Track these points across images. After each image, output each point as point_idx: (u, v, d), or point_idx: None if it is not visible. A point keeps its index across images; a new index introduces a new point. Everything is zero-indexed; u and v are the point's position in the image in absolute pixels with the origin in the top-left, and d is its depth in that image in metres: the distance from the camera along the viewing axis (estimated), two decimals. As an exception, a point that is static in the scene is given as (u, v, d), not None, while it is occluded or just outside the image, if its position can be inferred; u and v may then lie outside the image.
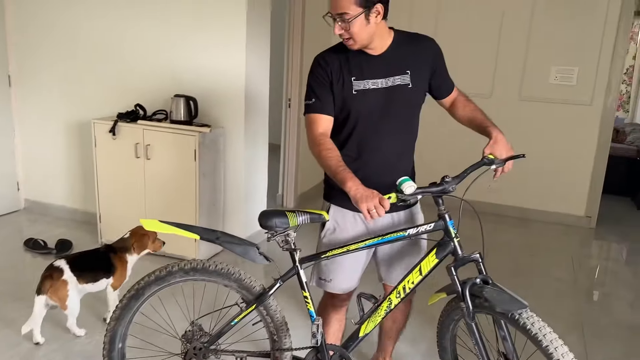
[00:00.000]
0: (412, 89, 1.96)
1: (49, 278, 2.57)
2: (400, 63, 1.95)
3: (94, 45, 3.98)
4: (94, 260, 2.73)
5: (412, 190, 1.70)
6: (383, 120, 1.97)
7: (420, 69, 1.98)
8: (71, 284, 2.60)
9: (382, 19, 1.86)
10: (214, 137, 3.58)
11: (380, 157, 2.01)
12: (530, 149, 4.97)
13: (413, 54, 1.98)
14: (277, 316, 1.90)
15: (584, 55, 4.63)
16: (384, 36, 1.92)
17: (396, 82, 1.94)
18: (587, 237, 4.70)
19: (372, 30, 1.85)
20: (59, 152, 4.34)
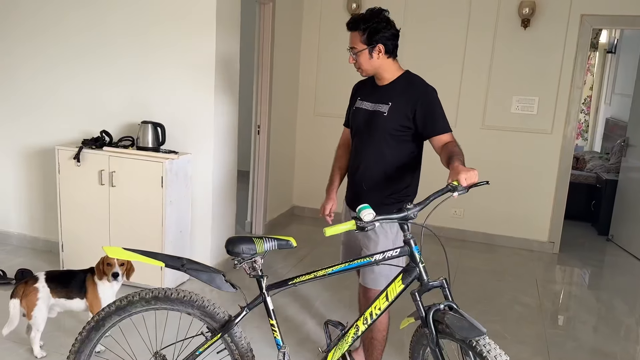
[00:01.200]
0: (385, 117, 2.31)
1: (23, 283, 2.68)
2: (388, 95, 2.34)
3: (58, 70, 3.93)
4: (70, 278, 2.77)
5: (370, 218, 1.73)
6: (363, 137, 2.43)
7: (401, 104, 2.30)
8: (41, 294, 2.65)
9: (388, 57, 2.32)
10: (182, 163, 3.55)
11: (358, 167, 2.47)
12: (494, 176, 5.10)
13: (402, 92, 2.33)
14: (243, 344, 1.87)
15: (544, 86, 4.80)
16: (390, 71, 2.36)
17: (377, 108, 2.35)
18: (551, 262, 4.80)
19: (377, 64, 2.32)
20: (20, 179, 4.23)
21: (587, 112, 8.27)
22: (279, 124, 5.06)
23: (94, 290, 2.73)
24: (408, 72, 2.42)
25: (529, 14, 4.65)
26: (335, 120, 5.58)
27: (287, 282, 1.93)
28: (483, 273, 4.37)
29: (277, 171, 5.17)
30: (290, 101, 5.43)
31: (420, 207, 1.86)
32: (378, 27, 2.26)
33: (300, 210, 5.78)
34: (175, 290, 1.87)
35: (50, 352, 2.75)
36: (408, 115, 2.29)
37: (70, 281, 2.75)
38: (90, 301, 2.73)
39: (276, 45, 4.72)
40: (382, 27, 2.27)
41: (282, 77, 5.03)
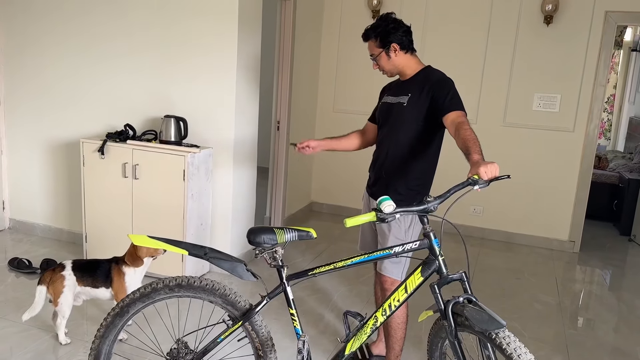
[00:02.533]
0: (405, 108, 2.43)
1: (50, 271, 2.74)
2: (409, 87, 2.46)
3: (83, 65, 4.01)
4: (96, 268, 2.81)
5: (390, 210, 1.75)
6: (385, 128, 2.55)
7: (419, 94, 2.40)
8: (68, 282, 2.71)
9: (405, 52, 2.47)
10: (203, 157, 3.60)
11: (378, 156, 2.60)
12: (515, 174, 5.06)
13: (421, 83, 2.43)
14: (263, 332, 1.90)
15: (566, 84, 4.76)
16: (411, 67, 2.50)
17: (398, 100, 2.47)
18: (571, 262, 4.76)
19: (396, 62, 2.47)
20: (45, 172, 4.33)
21: (611, 111, 8.15)
22: (298, 120, 5.09)
23: (121, 279, 2.78)
24: (429, 66, 2.53)
25: (552, 10, 4.61)
26: (354, 117, 5.60)
27: (307, 273, 1.96)
28: (502, 271, 4.35)
29: (295, 167, 5.20)
30: (310, 97, 5.46)
31: (440, 199, 1.87)
32: (387, 29, 2.42)
33: (318, 206, 5.80)
34: (198, 278, 1.91)
35: (75, 339, 2.82)
36: (426, 103, 2.38)
37: (96, 270, 2.80)
38: (116, 290, 2.78)
39: (296, 41, 4.75)
40: (392, 28, 2.43)
41: (301, 74, 5.06)
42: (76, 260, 2.82)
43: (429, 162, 2.50)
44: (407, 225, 2.42)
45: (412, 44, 2.50)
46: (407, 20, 2.51)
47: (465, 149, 2.10)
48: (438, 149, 2.52)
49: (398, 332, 2.54)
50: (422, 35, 5.06)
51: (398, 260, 2.42)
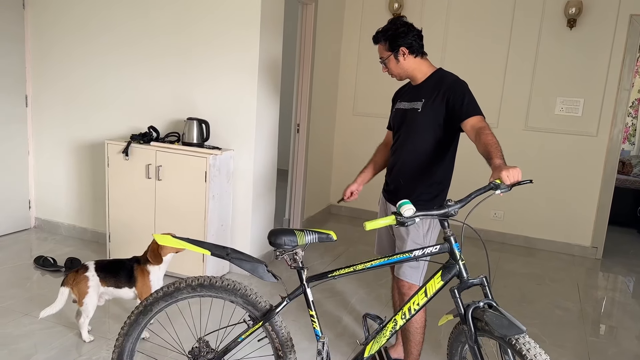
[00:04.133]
0: (419, 113, 2.41)
1: (74, 272, 2.78)
2: (422, 92, 2.43)
3: (108, 68, 4.09)
4: (119, 268, 2.85)
5: (410, 214, 1.76)
6: (398, 133, 2.53)
7: (433, 99, 2.38)
8: (92, 282, 2.76)
9: (415, 56, 2.43)
10: (225, 159, 3.65)
11: (395, 163, 2.56)
12: (537, 178, 5.03)
13: (434, 87, 2.40)
14: (283, 333, 1.92)
15: (590, 88, 4.70)
16: (421, 70, 2.46)
17: (412, 106, 2.45)
18: (593, 268, 4.69)
19: (406, 66, 2.45)
20: (70, 172, 4.42)
21: (635, 116, 8.02)
22: (318, 123, 5.12)
23: (145, 279, 2.82)
24: (440, 69, 2.49)
25: (575, 13, 4.57)
26: (373, 120, 5.62)
27: (327, 275, 1.97)
28: (522, 276, 4.31)
29: (315, 170, 5.22)
30: (330, 100, 5.48)
31: (461, 204, 1.87)
32: (397, 32, 2.40)
33: (337, 209, 5.82)
34: (219, 278, 1.94)
35: (98, 337, 2.87)
36: (441, 109, 2.36)
37: (119, 271, 2.84)
38: (140, 289, 2.82)
39: (317, 45, 4.78)
40: (402, 32, 2.40)
41: (322, 77, 5.09)
42: (99, 261, 2.87)
43: (446, 167, 2.48)
44: (425, 229, 2.42)
45: (422, 48, 2.46)
46: (430, 20, 2.51)
47: (486, 154, 2.09)
48: (454, 153, 2.51)
49: (416, 336, 2.54)
50: (443, 38, 5.05)
51: (417, 264, 2.43)
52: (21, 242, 4.30)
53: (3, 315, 3.06)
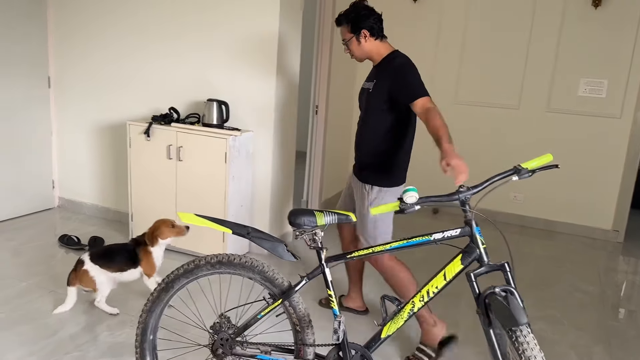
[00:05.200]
0: (371, 93, 2.61)
1: (73, 271, 2.90)
2: (376, 73, 2.64)
3: (129, 49, 4.12)
4: (120, 253, 3.00)
5: (411, 200, 1.78)
6: (361, 113, 2.75)
7: (382, 80, 2.57)
8: (93, 272, 2.88)
9: (375, 39, 2.61)
10: (244, 140, 3.67)
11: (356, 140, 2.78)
12: (558, 160, 4.93)
13: (384, 68, 2.59)
14: (301, 310, 1.96)
15: (614, 68, 4.61)
16: (380, 52, 2.63)
17: (367, 86, 2.67)
18: (614, 251, 4.65)
19: (366, 48, 2.63)
20: (93, 153, 4.49)
21: (661, 97, 7.83)
22: (336, 103, 5.10)
23: (148, 257, 2.98)
24: (395, 51, 2.64)
25: (601, -8, 4.46)
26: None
27: (346, 256, 1.99)
28: (542, 259, 4.29)
29: (333, 151, 5.22)
30: (348, 81, 5.45)
31: (475, 190, 1.85)
32: (359, 15, 2.57)
33: (356, 191, 5.82)
34: (238, 255, 1.97)
35: (122, 313, 2.95)
36: (387, 90, 2.53)
37: (120, 255, 2.96)
38: (145, 268, 2.98)
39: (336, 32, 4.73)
40: (363, 15, 2.57)
41: (340, 57, 5.05)
42: (92, 252, 2.97)
43: (400, 146, 2.62)
44: (370, 201, 2.62)
45: (382, 31, 2.64)
46: (450, 5, 2.50)
47: (435, 137, 2.26)
48: (409, 132, 2.64)
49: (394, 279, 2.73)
50: (464, 20, 4.98)
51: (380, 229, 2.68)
52: (45, 222, 4.40)
53: (30, 291, 3.15)
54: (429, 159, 5.52)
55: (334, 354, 1.97)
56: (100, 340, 2.68)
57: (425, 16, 5.18)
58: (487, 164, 5.05)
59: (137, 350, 2.08)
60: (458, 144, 5.42)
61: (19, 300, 3.04)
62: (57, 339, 2.67)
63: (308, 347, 1.96)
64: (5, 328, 2.73)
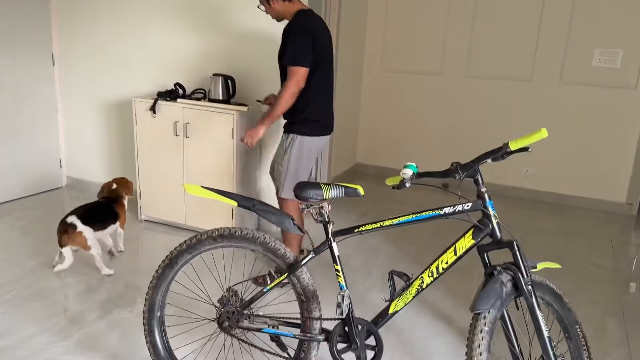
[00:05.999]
0: (279, 52, 2.90)
1: (64, 233, 3.01)
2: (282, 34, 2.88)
3: (134, 25, 4.06)
4: (103, 211, 3.24)
5: (406, 176, 1.82)
6: None
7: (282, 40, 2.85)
8: (85, 232, 3.04)
9: (283, 1, 2.83)
10: (251, 115, 3.62)
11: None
12: (571, 133, 4.87)
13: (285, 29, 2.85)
14: (307, 284, 1.93)
15: (630, 38, 4.47)
16: (288, 14, 2.88)
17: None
18: (628, 225, 4.58)
19: (276, 9, 2.87)
20: (99, 130, 4.47)
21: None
22: (344, 80, 5.02)
23: (124, 210, 3.34)
24: (300, 11, 2.86)
25: (617, -42, 4.30)
26: (402, 76, 5.50)
27: (353, 230, 1.95)
28: (555, 234, 4.24)
29: (341, 128, 5.15)
30: (357, 57, 5.36)
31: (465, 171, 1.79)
32: None
33: (363, 168, 5.78)
34: (239, 228, 1.94)
35: (131, 290, 2.96)
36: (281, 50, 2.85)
37: (101, 214, 3.20)
38: (122, 221, 3.32)
39: (343, 1, 4.63)
40: None
41: (348, 34, 4.96)
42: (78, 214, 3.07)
43: (305, 98, 2.86)
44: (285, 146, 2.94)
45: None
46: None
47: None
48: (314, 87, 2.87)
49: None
50: (475, -11, 4.85)
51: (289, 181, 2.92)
52: (54, 201, 4.41)
53: (39, 269, 3.16)
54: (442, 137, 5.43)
55: (339, 329, 1.95)
56: (110, 317, 2.68)
57: (435, -13, 5.05)
58: (499, 138, 4.97)
59: (145, 327, 2.07)
60: (470, 118, 5.42)
61: (29, 278, 3.05)
62: (68, 315, 2.68)
63: (314, 321, 1.94)
64: (16, 306, 2.74)
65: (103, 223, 3.17)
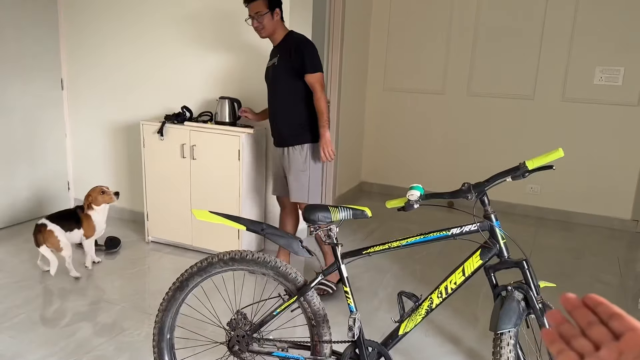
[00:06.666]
0: (276, 67, 3.08)
1: (39, 233, 3.29)
2: (279, 50, 3.07)
3: (141, 51, 4.13)
4: (68, 216, 3.49)
5: (413, 198, 1.83)
6: (270, 88, 3.20)
7: (285, 54, 3.02)
8: (57, 232, 3.32)
9: (280, 19, 3.04)
10: (257, 137, 3.66)
11: (271, 113, 3.22)
12: (575, 150, 4.89)
13: (285, 45, 3.04)
14: (317, 306, 1.94)
15: (631, 55, 4.52)
16: (280, 32, 3.07)
17: (273, 62, 3.12)
18: (634, 241, 4.57)
19: (276, 24, 3.03)
20: (107, 153, 4.52)
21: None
22: (348, 99, 5.07)
23: (88, 220, 3.48)
24: (291, 31, 3.10)
25: (616, -22, 4.36)
26: (405, 95, 5.55)
27: (362, 252, 1.97)
28: (561, 251, 4.24)
29: (346, 147, 5.20)
30: (360, 77, 5.42)
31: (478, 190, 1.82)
32: None
33: (368, 186, 5.80)
34: (250, 252, 1.96)
35: (140, 312, 2.97)
36: (290, 60, 2.99)
37: (66, 218, 3.43)
38: (85, 229, 3.47)
39: (346, 22, 4.71)
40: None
41: (352, 53, 5.03)
42: (48, 215, 3.41)
43: (305, 106, 3.07)
44: (304, 156, 3.09)
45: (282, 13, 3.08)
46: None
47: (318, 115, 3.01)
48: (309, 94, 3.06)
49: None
50: (476, 5, 4.92)
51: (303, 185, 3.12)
52: (63, 222, 4.43)
53: (48, 292, 3.18)
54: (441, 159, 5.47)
55: (350, 351, 1.96)
56: (118, 340, 2.69)
57: (437, 8, 5.12)
58: (502, 156, 5.00)
59: (154, 349, 2.08)
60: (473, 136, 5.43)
61: (37, 301, 3.07)
62: (76, 339, 2.69)
63: (324, 344, 1.95)
64: (25, 329, 2.76)
65: (69, 226, 3.41)
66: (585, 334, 0.56)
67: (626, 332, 0.53)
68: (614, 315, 0.56)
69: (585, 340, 0.55)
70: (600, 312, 0.57)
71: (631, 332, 0.53)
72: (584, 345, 0.55)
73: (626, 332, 0.53)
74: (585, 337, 0.56)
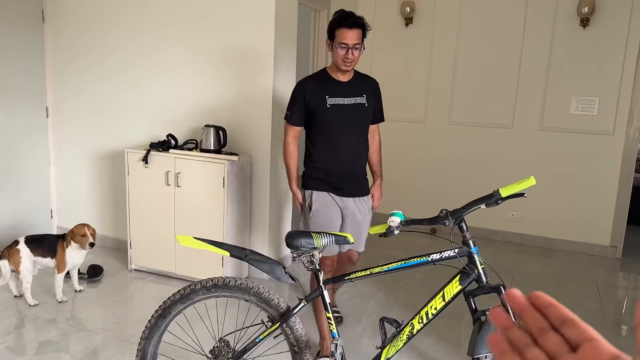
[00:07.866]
0: (367, 108, 2.78)
1: (7, 247, 3.31)
2: (360, 88, 2.77)
3: (127, 80, 4.18)
4: (47, 241, 3.42)
5: (394, 224, 1.88)
6: (345, 128, 2.74)
7: (370, 96, 2.80)
8: (23, 253, 3.28)
9: None
10: (242, 164, 3.70)
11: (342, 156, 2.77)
12: (553, 178, 5.00)
13: (365, 84, 2.81)
14: (300, 333, 1.96)
15: (605, 86, 4.67)
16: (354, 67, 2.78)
17: (357, 101, 2.75)
18: (613, 268, 4.65)
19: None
20: (91, 181, 4.51)
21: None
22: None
23: (62, 253, 3.37)
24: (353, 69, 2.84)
25: (588, 12, 4.55)
26: (386, 124, 5.62)
27: (344, 277, 2.01)
28: (542, 277, 4.29)
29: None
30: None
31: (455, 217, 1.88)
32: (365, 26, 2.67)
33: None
34: (233, 278, 1.98)
35: (121, 341, 2.94)
36: (376, 102, 2.85)
37: (44, 243, 3.37)
38: (58, 262, 3.37)
39: (330, 56, 4.80)
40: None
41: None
42: (28, 236, 3.39)
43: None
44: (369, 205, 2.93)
45: None
46: (442, 23, 2.57)
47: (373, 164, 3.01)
48: None
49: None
50: (456, 40, 5.06)
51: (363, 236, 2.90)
52: (45, 250, 4.39)
53: (29, 321, 3.14)
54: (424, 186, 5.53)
55: (333, 376, 1.97)
56: (99, 369, 2.66)
57: (418, 40, 5.27)
58: (482, 184, 5.08)
59: (137, 377, 2.07)
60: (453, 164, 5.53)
61: (19, 330, 3.03)
62: (56, 368, 2.66)
63: (307, 370, 1.96)
64: (7, 358, 2.71)
65: (43, 251, 3.35)
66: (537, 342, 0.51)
67: (583, 344, 0.49)
68: (567, 322, 0.52)
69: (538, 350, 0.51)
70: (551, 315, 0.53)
71: (588, 343, 0.49)
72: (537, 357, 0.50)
73: (583, 344, 0.49)
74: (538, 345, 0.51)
